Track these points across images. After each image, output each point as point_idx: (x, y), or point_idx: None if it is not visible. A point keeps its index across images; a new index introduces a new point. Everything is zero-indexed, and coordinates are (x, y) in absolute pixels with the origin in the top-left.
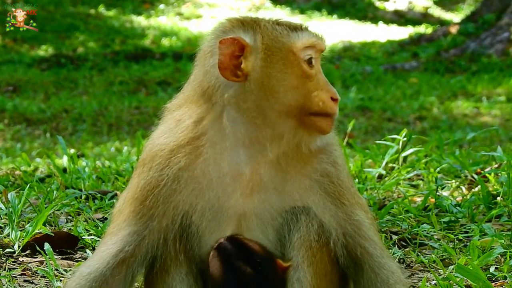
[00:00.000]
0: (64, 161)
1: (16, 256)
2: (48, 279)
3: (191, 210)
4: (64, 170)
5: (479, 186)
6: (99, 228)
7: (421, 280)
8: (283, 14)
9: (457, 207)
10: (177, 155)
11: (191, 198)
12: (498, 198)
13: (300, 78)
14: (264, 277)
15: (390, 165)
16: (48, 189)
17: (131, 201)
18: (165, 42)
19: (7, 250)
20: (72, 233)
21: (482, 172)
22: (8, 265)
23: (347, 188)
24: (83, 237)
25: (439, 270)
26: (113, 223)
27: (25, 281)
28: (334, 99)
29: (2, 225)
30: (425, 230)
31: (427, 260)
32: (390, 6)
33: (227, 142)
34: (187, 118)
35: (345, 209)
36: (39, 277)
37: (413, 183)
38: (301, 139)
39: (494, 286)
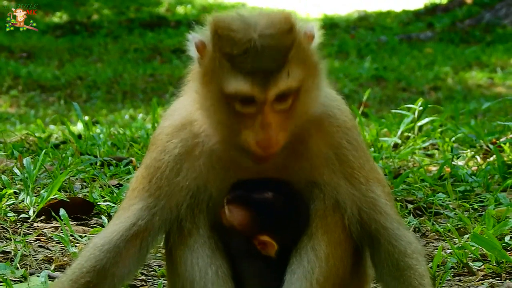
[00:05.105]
0: (79, 127)
1: (31, 221)
2: (63, 245)
3: (200, 189)
4: (79, 136)
5: (494, 156)
6: (114, 194)
7: (437, 249)
8: None
9: (473, 177)
10: (172, 140)
11: (198, 182)
12: None
13: (231, 114)
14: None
15: (406, 134)
16: (63, 155)
17: (141, 179)
18: (180, 10)
19: (22, 215)
20: (87, 199)
21: (497, 142)
22: (23, 231)
23: (362, 166)
24: (98, 203)
25: (454, 239)
26: (126, 199)
27: (40, 246)
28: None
29: (17, 191)
30: (441, 199)
31: (442, 229)
32: None
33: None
34: (188, 97)
35: (360, 187)
36: (54, 242)
37: (429, 152)
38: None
39: (509, 255)
